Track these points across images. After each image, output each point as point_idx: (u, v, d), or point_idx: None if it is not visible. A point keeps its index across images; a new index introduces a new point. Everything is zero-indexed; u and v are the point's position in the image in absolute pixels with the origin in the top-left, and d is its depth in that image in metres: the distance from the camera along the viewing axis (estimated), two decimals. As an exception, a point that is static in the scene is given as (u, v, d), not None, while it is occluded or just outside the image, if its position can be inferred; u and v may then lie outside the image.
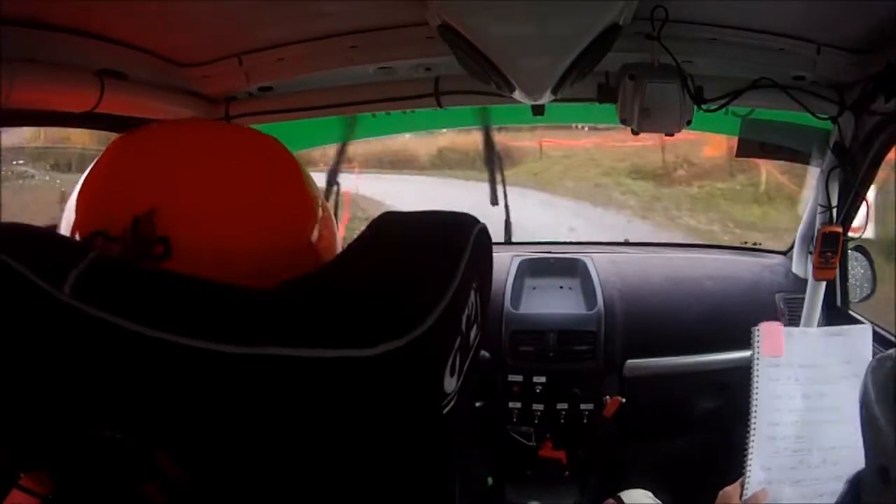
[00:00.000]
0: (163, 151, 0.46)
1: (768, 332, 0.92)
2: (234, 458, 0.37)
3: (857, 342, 0.93)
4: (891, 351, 0.55)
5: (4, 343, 0.34)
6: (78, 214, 0.44)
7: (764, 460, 0.88)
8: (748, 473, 0.88)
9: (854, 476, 0.61)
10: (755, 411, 0.89)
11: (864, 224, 1.28)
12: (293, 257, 0.45)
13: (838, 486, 0.80)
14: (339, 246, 0.53)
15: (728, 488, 0.91)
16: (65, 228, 0.44)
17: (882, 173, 1.24)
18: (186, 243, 0.41)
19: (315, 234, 0.48)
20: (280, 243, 0.45)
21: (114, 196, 0.43)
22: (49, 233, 0.40)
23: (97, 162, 0.46)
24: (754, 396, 0.90)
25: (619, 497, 0.98)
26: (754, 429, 0.89)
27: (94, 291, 0.35)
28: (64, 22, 0.75)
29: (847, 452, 0.87)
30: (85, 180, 0.46)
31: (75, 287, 0.34)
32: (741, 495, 0.88)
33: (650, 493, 1.01)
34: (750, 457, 0.88)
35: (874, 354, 0.91)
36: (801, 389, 0.91)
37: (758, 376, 0.91)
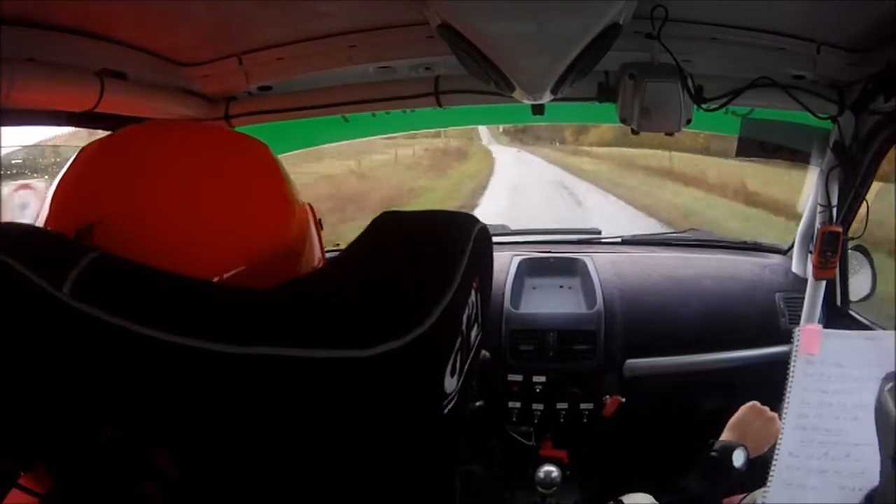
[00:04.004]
0: (126, 159, 0.45)
1: (808, 333, 0.98)
2: (232, 456, 0.37)
3: (890, 348, 0.96)
4: None
5: (4, 342, 0.34)
6: (50, 212, 0.44)
7: (792, 447, 0.94)
8: (776, 456, 0.93)
9: (871, 491, 0.63)
10: (787, 401, 0.96)
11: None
12: (259, 270, 0.43)
13: (860, 483, 0.85)
14: (318, 252, 0.52)
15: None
16: (39, 222, 0.44)
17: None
18: (126, 255, 0.39)
19: (285, 245, 0.46)
20: (239, 260, 0.43)
21: (77, 199, 0.43)
22: (49, 233, 0.40)
23: (72, 161, 0.46)
24: (788, 388, 0.96)
25: (621, 501, 0.98)
26: (785, 417, 0.95)
27: (93, 291, 0.35)
28: (64, 22, 0.75)
29: (871, 450, 0.91)
30: (60, 179, 0.45)
31: (75, 287, 0.34)
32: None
33: (651, 497, 1.00)
34: (780, 442, 0.94)
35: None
36: (833, 386, 0.96)
37: (793, 371, 0.97)
